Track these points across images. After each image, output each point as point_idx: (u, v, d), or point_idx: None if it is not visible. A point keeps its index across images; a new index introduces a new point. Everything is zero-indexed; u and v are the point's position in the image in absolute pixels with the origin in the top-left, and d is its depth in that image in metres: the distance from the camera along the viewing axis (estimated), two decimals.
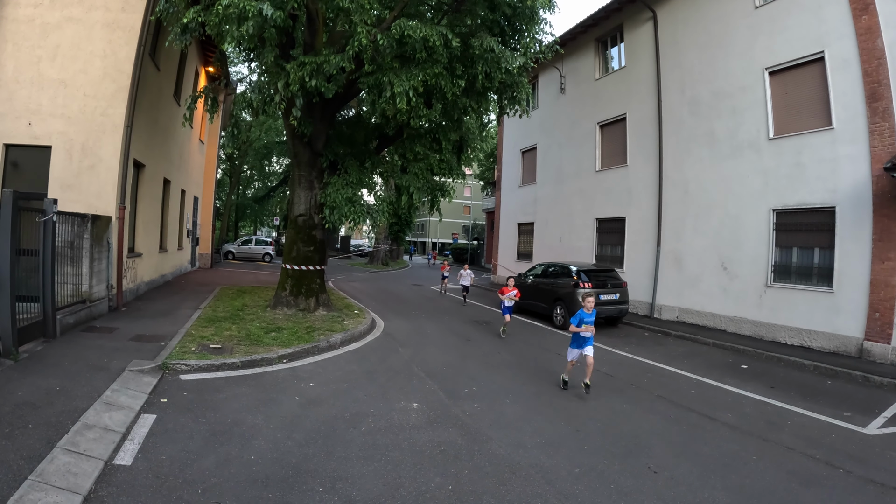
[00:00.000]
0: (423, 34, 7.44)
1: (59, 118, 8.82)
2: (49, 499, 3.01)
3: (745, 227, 10.67)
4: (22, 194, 5.91)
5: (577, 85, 16.68)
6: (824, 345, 9.08)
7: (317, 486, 3.55)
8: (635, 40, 14.01)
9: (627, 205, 13.98)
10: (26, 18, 8.82)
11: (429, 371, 6.92)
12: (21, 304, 5.97)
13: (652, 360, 8.44)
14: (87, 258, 8.11)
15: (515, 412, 5.45)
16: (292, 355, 7.03)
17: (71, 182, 8.75)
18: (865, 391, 6.94)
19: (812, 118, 9.62)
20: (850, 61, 8.87)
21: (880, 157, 8.35)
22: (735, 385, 6.93)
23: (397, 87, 7.75)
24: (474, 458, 4.19)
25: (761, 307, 10.26)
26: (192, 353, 6.49)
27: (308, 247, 10.48)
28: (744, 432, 5.15)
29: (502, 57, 8.27)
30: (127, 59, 9.14)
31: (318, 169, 10.48)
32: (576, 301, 10.82)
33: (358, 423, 4.82)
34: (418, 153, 10.92)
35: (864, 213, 8.62)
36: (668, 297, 12.46)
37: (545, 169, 18.30)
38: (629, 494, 3.71)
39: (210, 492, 3.36)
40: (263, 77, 9.32)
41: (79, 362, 5.71)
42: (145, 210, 11.50)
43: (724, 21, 11.36)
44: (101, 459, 3.61)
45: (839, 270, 8.98)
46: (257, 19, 6.93)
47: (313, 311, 10.20)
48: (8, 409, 4.20)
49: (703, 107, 11.79)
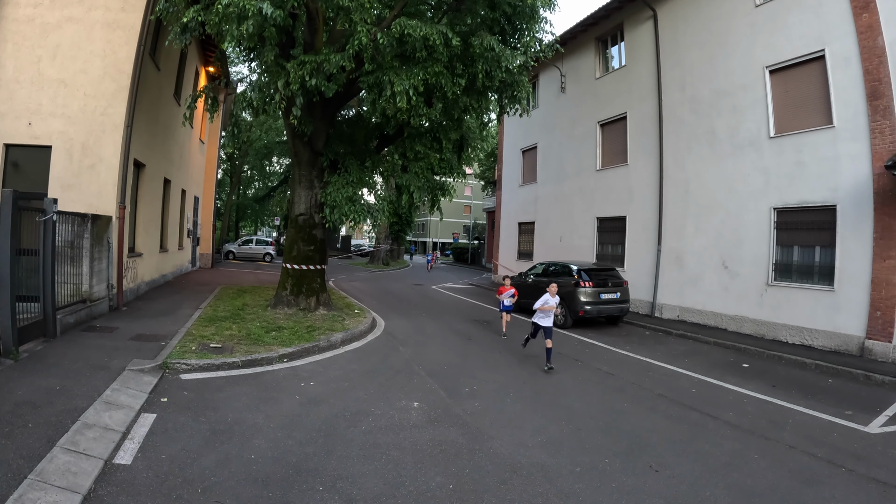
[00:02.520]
0: (424, 33, 7.43)
1: (60, 118, 8.81)
2: (49, 498, 3.01)
3: (746, 225, 10.65)
4: (22, 194, 5.91)
5: (577, 84, 16.66)
6: (825, 343, 9.06)
7: (317, 486, 3.54)
8: (636, 39, 14.00)
9: (628, 204, 13.96)
10: (26, 18, 8.82)
11: (429, 370, 6.91)
12: (21, 303, 5.98)
13: (653, 358, 8.42)
14: (87, 258, 8.11)
15: (516, 411, 5.44)
16: (293, 354, 7.03)
17: (71, 182, 8.75)
18: (867, 390, 6.92)
19: (813, 116, 9.60)
20: (851, 59, 8.85)
21: (881, 156, 8.33)
22: (736, 384, 6.92)
23: (397, 86, 7.73)
24: (475, 457, 4.18)
25: (762, 306, 10.24)
26: (193, 353, 6.49)
27: (308, 246, 10.48)
28: (745, 431, 5.14)
29: (503, 56, 8.25)
30: (127, 58, 9.14)
31: (319, 168, 10.47)
32: (577, 300, 10.82)
33: (358, 422, 4.81)
34: (419, 152, 10.89)
35: (865, 211, 8.60)
36: (669, 296, 12.44)
37: (546, 168, 18.28)
38: (631, 493, 3.70)
39: (210, 491, 3.35)
40: (263, 76, 9.31)
41: (79, 362, 5.71)
42: (146, 210, 11.50)
43: (725, 19, 11.34)
44: (101, 459, 3.60)
45: (840, 269, 8.96)
46: (257, 18, 6.92)
47: (314, 311, 10.19)
48: (8, 408, 4.20)
49: (704, 105, 11.77)
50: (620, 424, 5.20)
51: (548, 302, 7.39)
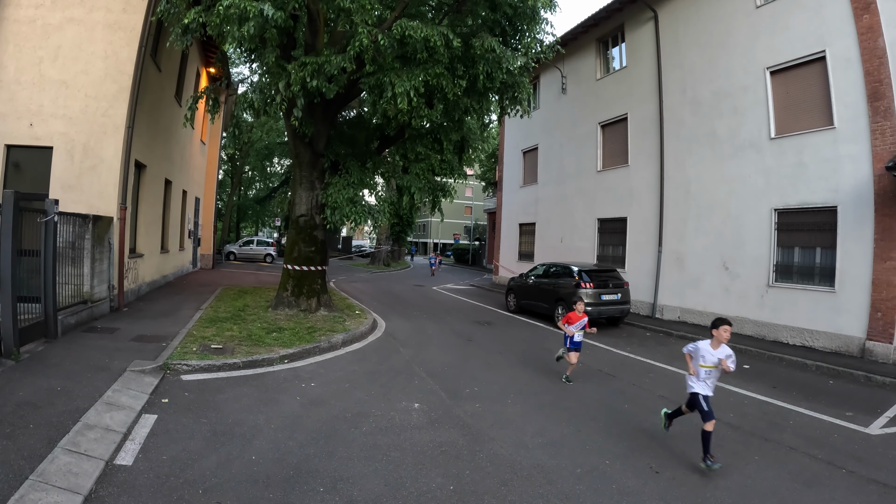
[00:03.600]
0: (425, 34, 7.44)
1: (61, 119, 8.83)
2: (50, 498, 3.01)
3: (747, 226, 10.65)
4: (23, 195, 5.92)
5: (578, 85, 16.67)
6: (826, 345, 9.05)
7: (318, 487, 3.54)
8: (636, 40, 14.00)
9: (629, 205, 13.96)
10: (28, 19, 8.84)
11: (430, 371, 6.91)
12: (22, 304, 5.98)
13: (654, 360, 8.42)
14: (88, 259, 8.13)
15: (517, 412, 5.44)
16: (293, 356, 7.03)
17: (72, 183, 8.76)
18: (867, 391, 6.91)
19: (813, 118, 9.60)
20: (852, 60, 8.85)
21: (882, 157, 8.32)
22: (737, 385, 6.91)
23: (398, 88, 7.74)
24: (476, 459, 4.18)
25: (763, 307, 10.23)
26: (194, 354, 6.49)
27: (309, 247, 10.48)
28: (746, 432, 5.13)
29: (503, 57, 8.26)
30: (128, 59, 9.15)
31: (320, 169, 10.48)
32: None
33: (359, 423, 4.81)
34: (419, 153, 10.91)
35: (865, 212, 8.59)
36: (670, 298, 12.44)
37: (546, 169, 18.29)
38: (631, 495, 3.70)
39: (211, 492, 3.36)
40: (264, 78, 9.33)
41: (80, 362, 5.71)
42: (147, 211, 11.52)
43: (726, 21, 11.34)
44: (102, 459, 3.60)
45: (841, 270, 8.95)
46: (258, 20, 6.93)
47: (314, 312, 10.20)
48: (9, 408, 4.20)
49: (705, 106, 11.77)
50: (621, 426, 5.20)
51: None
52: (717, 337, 4.31)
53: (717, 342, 4.32)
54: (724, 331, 4.27)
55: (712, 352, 4.34)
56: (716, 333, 4.31)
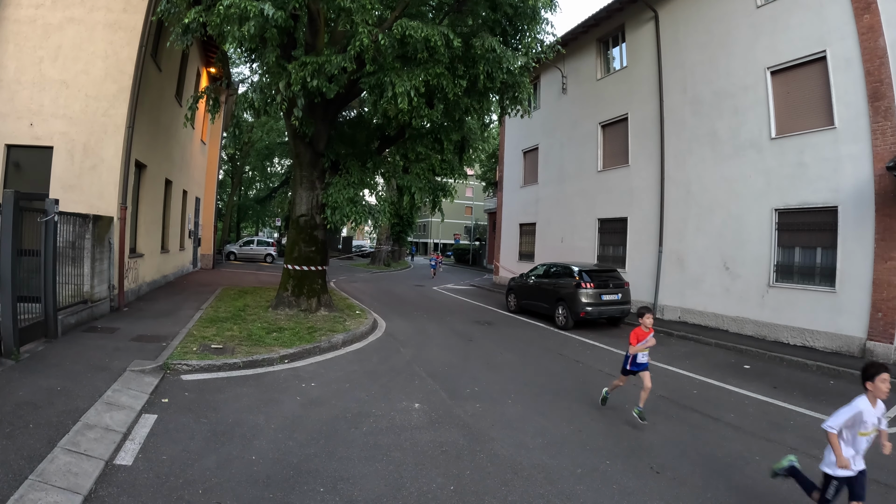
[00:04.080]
0: (425, 34, 7.43)
1: (61, 119, 8.83)
2: (49, 498, 3.01)
3: (748, 226, 10.64)
4: (23, 195, 5.92)
5: (578, 85, 16.66)
6: (827, 345, 9.05)
7: (318, 487, 3.54)
8: (637, 40, 13.99)
9: (629, 205, 13.95)
10: (28, 19, 8.84)
11: (431, 371, 6.90)
12: (22, 304, 5.98)
13: (654, 360, 8.31)
14: (88, 258, 8.13)
15: (517, 412, 5.43)
16: (294, 355, 7.03)
17: (72, 182, 8.76)
18: None
19: (814, 118, 9.59)
20: (852, 60, 8.84)
21: (882, 157, 8.32)
22: (738, 385, 6.90)
23: (399, 88, 7.74)
24: (476, 459, 4.18)
25: (764, 307, 10.22)
26: (194, 354, 6.49)
27: (310, 247, 10.48)
28: (746, 432, 5.13)
29: (504, 57, 8.25)
30: (128, 59, 9.15)
31: (320, 169, 10.47)
32: (578, 301, 10.81)
33: (359, 423, 4.81)
34: (420, 153, 10.91)
35: (866, 212, 8.59)
36: (671, 298, 12.43)
37: (547, 169, 18.28)
38: (632, 495, 3.69)
39: (211, 492, 3.35)
40: (265, 77, 9.32)
41: (80, 362, 5.71)
42: (147, 211, 11.51)
43: (726, 20, 11.33)
44: (102, 459, 3.60)
45: (841, 270, 8.94)
46: (259, 19, 6.93)
47: (315, 312, 10.19)
48: (9, 408, 4.20)
49: (705, 106, 11.76)
50: (621, 426, 5.20)
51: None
52: (873, 391, 3.06)
53: (875, 397, 3.08)
54: (880, 381, 3.03)
55: (872, 411, 3.09)
56: (871, 387, 3.06)
